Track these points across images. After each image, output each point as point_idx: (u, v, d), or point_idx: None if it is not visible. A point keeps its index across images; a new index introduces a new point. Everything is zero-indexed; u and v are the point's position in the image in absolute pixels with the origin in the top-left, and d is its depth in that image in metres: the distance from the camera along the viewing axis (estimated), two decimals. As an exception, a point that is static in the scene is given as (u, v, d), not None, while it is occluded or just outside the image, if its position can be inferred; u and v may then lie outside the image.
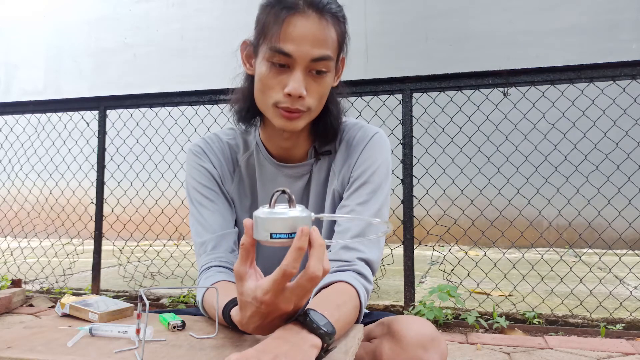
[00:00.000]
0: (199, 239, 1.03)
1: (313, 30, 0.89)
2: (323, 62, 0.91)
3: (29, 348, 0.74)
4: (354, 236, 0.96)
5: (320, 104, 0.96)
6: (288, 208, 0.68)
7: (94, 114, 3.05)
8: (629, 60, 2.20)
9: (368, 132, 1.05)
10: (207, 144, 1.09)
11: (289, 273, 0.65)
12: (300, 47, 0.88)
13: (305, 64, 0.90)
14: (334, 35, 0.93)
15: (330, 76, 0.95)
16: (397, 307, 2.45)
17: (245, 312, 0.72)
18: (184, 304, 2.65)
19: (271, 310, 0.69)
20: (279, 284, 0.66)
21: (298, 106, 0.91)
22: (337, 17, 0.94)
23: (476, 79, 2.39)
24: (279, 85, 0.91)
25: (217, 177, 1.07)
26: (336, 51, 0.95)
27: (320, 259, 0.67)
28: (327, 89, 0.96)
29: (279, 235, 0.66)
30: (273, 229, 0.66)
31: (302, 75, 0.90)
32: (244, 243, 0.69)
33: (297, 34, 0.88)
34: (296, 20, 0.89)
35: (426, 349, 0.83)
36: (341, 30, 0.96)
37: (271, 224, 0.66)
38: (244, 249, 0.69)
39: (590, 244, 2.73)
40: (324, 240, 0.69)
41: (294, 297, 0.68)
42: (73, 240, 4.51)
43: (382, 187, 1.01)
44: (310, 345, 0.67)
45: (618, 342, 2.00)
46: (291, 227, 0.66)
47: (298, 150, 1.06)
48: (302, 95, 0.90)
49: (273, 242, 0.67)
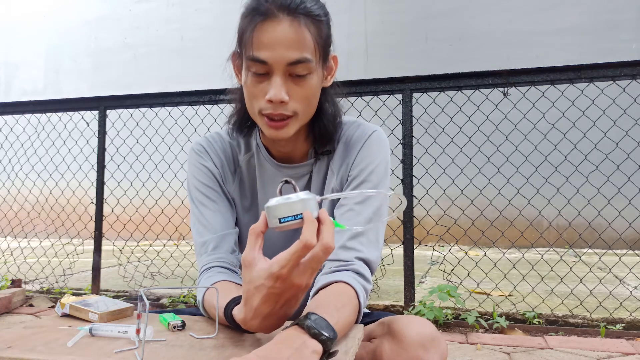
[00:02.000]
0: (200, 239, 1.03)
1: (285, 34, 0.87)
2: (301, 64, 0.89)
3: (29, 348, 0.74)
4: (352, 235, 0.95)
5: (309, 106, 0.95)
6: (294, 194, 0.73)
7: (94, 114, 3.05)
8: (629, 60, 2.20)
9: (366, 130, 1.04)
10: (210, 143, 1.09)
11: (309, 244, 0.68)
12: (274, 52, 0.87)
13: (282, 69, 0.88)
14: (310, 36, 0.90)
15: (314, 78, 0.92)
16: (397, 307, 2.45)
17: (253, 301, 0.72)
18: (184, 304, 2.65)
19: (285, 289, 0.70)
20: (298, 256, 0.69)
21: (281, 111, 0.90)
22: (312, 16, 0.90)
23: (476, 79, 2.39)
24: (261, 93, 0.91)
25: (219, 176, 1.07)
26: (315, 51, 0.91)
27: (331, 232, 0.70)
28: (313, 90, 0.93)
29: (286, 218, 0.71)
30: (281, 214, 0.72)
31: (281, 81, 0.89)
32: (254, 228, 0.72)
33: (269, 39, 0.87)
34: (267, 25, 0.88)
35: (426, 348, 0.83)
36: (320, 29, 0.92)
37: (279, 210, 0.72)
38: (254, 234, 0.72)
39: (590, 244, 2.72)
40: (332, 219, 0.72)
41: (308, 270, 0.70)
42: (73, 240, 4.51)
43: (381, 185, 1.01)
44: (312, 351, 0.67)
45: (618, 342, 2.00)
46: (297, 210, 0.71)
47: (298, 151, 1.05)
48: (283, 100, 0.89)
49: (282, 226, 0.72)
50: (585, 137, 2.46)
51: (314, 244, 0.69)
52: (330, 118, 1.01)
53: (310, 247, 0.68)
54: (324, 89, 1.00)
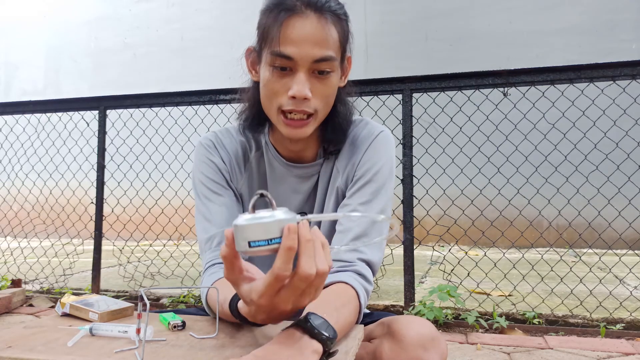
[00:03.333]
0: (205, 235, 1.01)
1: (313, 31, 0.88)
2: (326, 62, 0.89)
3: (29, 348, 0.74)
4: (355, 237, 0.95)
5: (327, 105, 0.95)
6: (270, 212, 0.61)
7: (94, 114, 3.05)
8: (629, 60, 2.20)
9: (373, 130, 1.04)
10: (218, 138, 1.08)
11: (281, 276, 0.62)
12: (301, 48, 0.87)
13: (307, 66, 0.89)
14: (335, 35, 0.91)
15: (334, 76, 0.93)
16: (397, 307, 2.45)
17: (250, 308, 0.71)
18: (184, 304, 2.65)
19: (271, 309, 0.68)
20: (272, 287, 0.64)
21: (304, 108, 0.90)
22: (338, 15, 0.92)
23: (476, 79, 2.39)
24: (283, 89, 0.90)
25: (226, 172, 1.06)
26: (339, 50, 0.93)
27: (311, 256, 0.63)
28: (333, 89, 0.94)
29: (257, 243, 0.60)
30: (252, 237, 0.60)
31: (305, 77, 0.89)
32: (225, 255, 0.65)
33: (296, 35, 0.87)
34: (295, 21, 0.88)
35: (426, 349, 0.83)
36: (343, 29, 0.94)
37: (249, 231, 0.60)
38: (227, 261, 0.66)
39: (590, 244, 2.72)
40: (314, 236, 0.64)
41: (291, 297, 0.65)
42: (73, 240, 4.51)
43: (386, 186, 1.00)
44: (312, 352, 0.67)
45: (618, 342, 2.00)
46: (273, 233, 0.60)
47: (308, 151, 1.05)
48: (306, 97, 0.89)
49: (253, 250, 0.61)
50: (585, 137, 2.46)
51: (286, 276, 0.62)
52: (344, 118, 1.01)
53: (282, 278, 0.62)
54: (339, 88, 1.00)
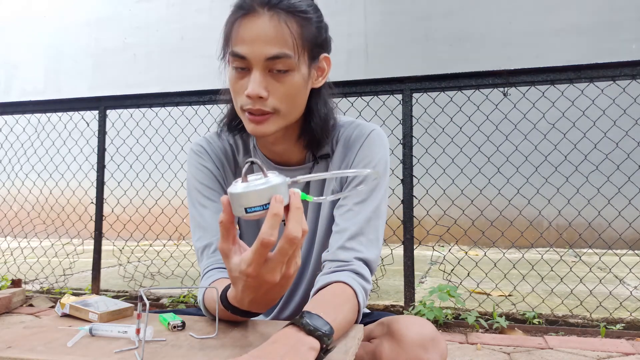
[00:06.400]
0: (201, 244, 1.02)
1: (264, 29, 0.87)
2: (280, 60, 0.87)
3: (29, 348, 0.74)
4: (351, 236, 0.94)
5: (292, 104, 0.92)
6: (262, 178, 0.66)
7: (94, 114, 3.05)
8: (629, 60, 2.19)
9: (364, 129, 1.03)
10: (209, 143, 1.08)
11: (267, 242, 0.65)
12: (253, 47, 0.87)
13: (261, 64, 0.88)
14: (292, 32, 0.88)
15: (295, 75, 0.90)
16: (397, 307, 2.45)
17: (237, 286, 0.73)
18: (184, 304, 2.65)
19: (259, 283, 0.69)
20: (260, 254, 0.66)
21: (260, 107, 0.89)
22: (295, 12, 0.89)
23: (476, 79, 2.39)
24: (242, 89, 0.90)
25: (220, 176, 1.06)
26: (298, 48, 0.89)
27: (299, 221, 0.67)
28: (295, 88, 0.91)
29: (253, 209, 0.65)
30: (247, 204, 0.65)
31: (260, 76, 0.88)
32: (222, 221, 0.69)
33: (248, 34, 0.87)
34: (247, 21, 0.88)
35: (426, 349, 0.83)
36: (303, 26, 0.90)
37: (245, 198, 0.65)
38: (224, 227, 0.69)
39: (590, 244, 2.72)
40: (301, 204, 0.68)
41: (278, 265, 0.68)
42: (73, 240, 4.51)
43: (380, 184, 1.00)
44: (309, 348, 0.67)
45: (618, 342, 2.00)
46: (266, 198, 0.65)
47: (293, 154, 1.04)
48: (260, 95, 0.88)
49: (249, 215, 0.66)
50: (585, 137, 2.46)
51: (273, 242, 0.65)
52: (320, 120, 0.99)
53: (269, 244, 0.65)
54: (315, 89, 0.98)
